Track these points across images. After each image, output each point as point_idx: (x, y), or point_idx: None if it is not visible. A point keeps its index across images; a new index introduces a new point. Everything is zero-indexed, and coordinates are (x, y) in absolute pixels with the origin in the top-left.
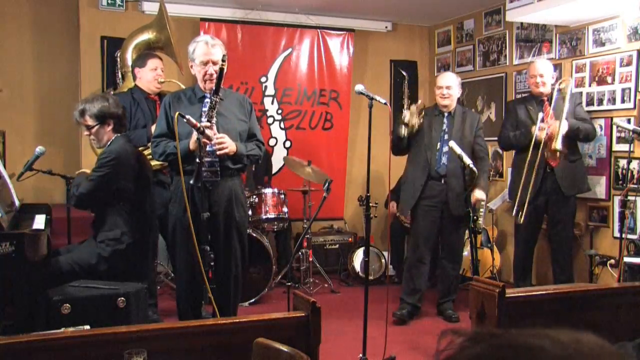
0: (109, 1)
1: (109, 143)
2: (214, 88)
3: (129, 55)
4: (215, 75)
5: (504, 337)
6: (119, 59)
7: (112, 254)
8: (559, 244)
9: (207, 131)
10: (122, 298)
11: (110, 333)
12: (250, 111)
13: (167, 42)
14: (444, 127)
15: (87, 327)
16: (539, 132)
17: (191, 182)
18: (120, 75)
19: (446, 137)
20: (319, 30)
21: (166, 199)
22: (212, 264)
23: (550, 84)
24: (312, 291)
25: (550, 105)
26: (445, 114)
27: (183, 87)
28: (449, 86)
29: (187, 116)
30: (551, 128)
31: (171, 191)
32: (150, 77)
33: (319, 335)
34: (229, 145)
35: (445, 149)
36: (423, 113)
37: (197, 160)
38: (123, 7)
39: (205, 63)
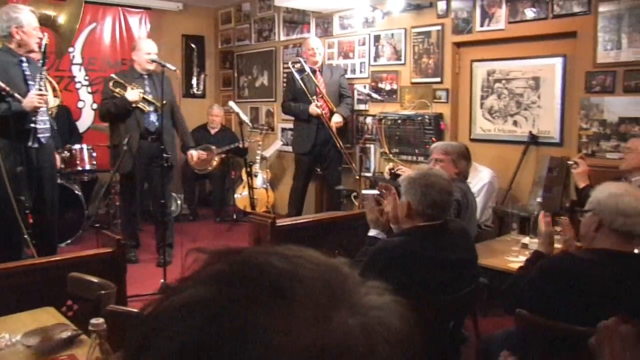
0: None
1: None
2: (42, 60)
3: None
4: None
5: (239, 254)
6: None
7: None
8: (330, 180)
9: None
10: None
11: None
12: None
13: None
14: (147, 88)
15: None
16: (314, 110)
17: (29, 144)
18: None
19: (150, 97)
20: (119, 8)
21: None
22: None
23: (321, 55)
24: (120, 230)
25: (322, 75)
26: (146, 76)
27: None
28: (150, 52)
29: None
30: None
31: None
32: None
33: (124, 267)
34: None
35: (152, 107)
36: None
37: (32, 125)
38: None
39: (37, 29)
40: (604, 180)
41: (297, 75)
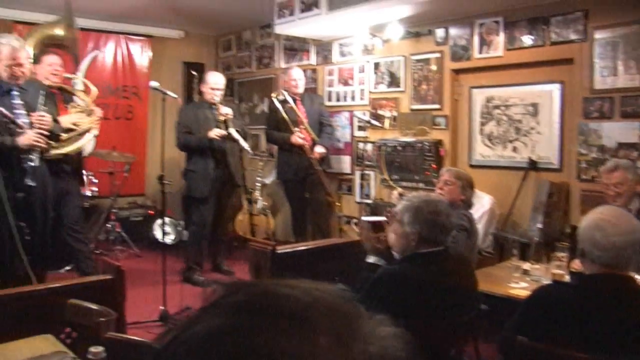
0: None
1: None
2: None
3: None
4: (24, 74)
5: (259, 286)
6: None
7: None
8: (315, 208)
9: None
10: None
11: None
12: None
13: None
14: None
15: None
16: (296, 140)
17: (28, 182)
18: None
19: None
20: (121, 36)
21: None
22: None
23: (303, 86)
24: (120, 257)
25: (303, 105)
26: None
27: None
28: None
29: (0, 108)
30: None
31: None
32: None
33: (123, 294)
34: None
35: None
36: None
37: (29, 163)
38: None
39: (13, 65)
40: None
41: (279, 106)
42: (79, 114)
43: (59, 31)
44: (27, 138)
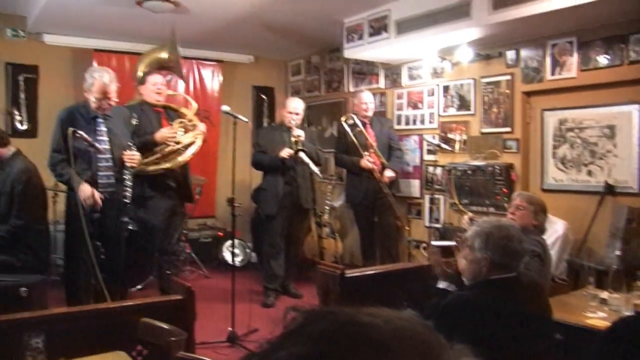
0: (13, 33)
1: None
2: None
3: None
4: (110, 106)
5: (340, 314)
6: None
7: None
8: (384, 231)
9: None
10: (25, 288)
11: (11, 319)
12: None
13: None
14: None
15: None
16: (366, 164)
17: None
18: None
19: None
20: (194, 61)
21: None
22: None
23: (372, 110)
24: (189, 277)
25: (372, 128)
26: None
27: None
28: (292, 111)
29: (81, 132)
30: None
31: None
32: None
33: (193, 314)
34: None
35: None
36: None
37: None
38: (25, 38)
39: (102, 99)
40: None
41: (349, 130)
42: (178, 130)
43: (164, 54)
44: (84, 193)
